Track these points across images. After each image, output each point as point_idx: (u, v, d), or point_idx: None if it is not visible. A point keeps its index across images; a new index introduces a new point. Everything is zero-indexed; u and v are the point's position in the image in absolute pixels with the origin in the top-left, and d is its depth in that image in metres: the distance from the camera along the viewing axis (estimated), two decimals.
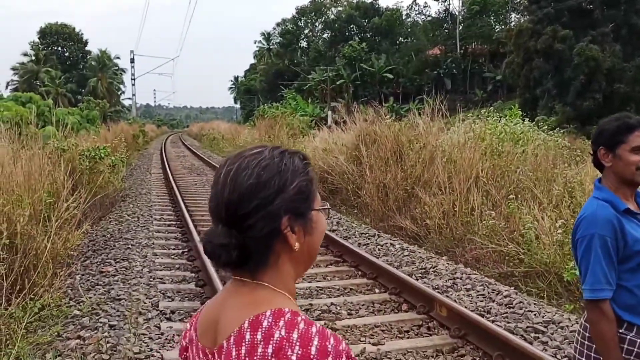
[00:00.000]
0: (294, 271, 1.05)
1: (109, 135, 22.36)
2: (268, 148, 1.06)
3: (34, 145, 7.92)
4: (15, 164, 6.40)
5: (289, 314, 0.96)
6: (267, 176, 1.00)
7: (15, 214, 5.38)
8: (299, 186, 1.02)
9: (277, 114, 23.67)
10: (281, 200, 1.00)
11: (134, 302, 5.02)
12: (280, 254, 1.02)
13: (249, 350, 0.95)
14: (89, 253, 7.19)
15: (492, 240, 6.98)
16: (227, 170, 1.02)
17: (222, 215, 1.01)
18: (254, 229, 0.98)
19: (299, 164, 1.05)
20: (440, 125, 10.77)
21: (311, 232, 1.04)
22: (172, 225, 9.06)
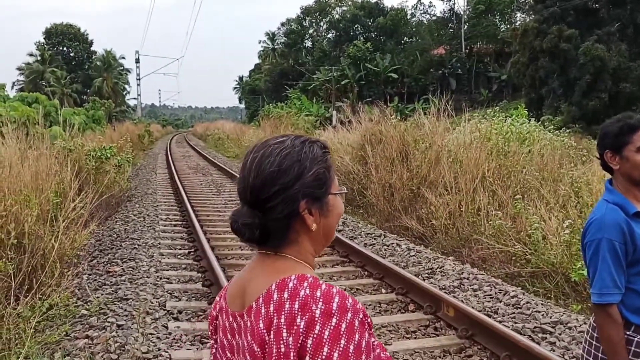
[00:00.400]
0: (312, 248, 1.16)
1: (114, 135, 22.42)
2: (291, 137, 1.16)
3: (41, 145, 7.95)
4: (23, 164, 6.42)
5: (311, 278, 1.09)
6: (287, 164, 1.11)
7: (23, 214, 5.40)
8: (316, 173, 1.12)
9: (282, 114, 23.66)
10: (299, 186, 1.10)
11: (142, 301, 5.04)
12: (300, 232, 1.13)
13: (277, 307, 1.06)
14: (95, 253, 7.21)
15: (499, 240, 6.96)
16: (252, 157, 1.14)
17: (247, 197, 1.13)
18: (274, 210, 1.10)
19: (318, 152, 1.15)
20: (446, 125, 10.76)
21: (327, 214, 1.15)
22: (178, 225, 9.08)
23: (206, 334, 4.51)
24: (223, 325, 1.19)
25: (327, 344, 1.01)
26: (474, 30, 54.60)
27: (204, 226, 8.84)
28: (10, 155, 6.41)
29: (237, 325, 1.15)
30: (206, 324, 4.72)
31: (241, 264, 6.76)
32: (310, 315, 1.03)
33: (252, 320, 1.09)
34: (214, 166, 20.93)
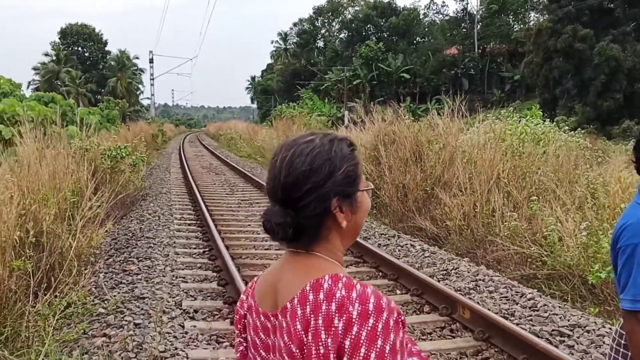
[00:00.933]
0: (341, 245, 1.17)
1: (128, 134, 22.57)
2: (319, 136, 1.17)
3: (58, 144, 8.02)
4: (41, 163, 6.48)
5: (344, 277, 1.09)
6: (318, 163, 1.12)
7: (42, 213, 5.45)
8: (346, 171, 1.14)
9: (294, 114, 23.67)
10: (331, 184, 1.12)
11: (158, 300, 5.06)
12: (331, 229, 1.14)
13: (314, 308, 1.07)
14: (111, 251, 7.25)
15: (514, 241, 6.91)
16: (282, 157, 1.14)
17: (278, 196, 1.13)
18: (307, 209, 1.11)
19: (346, 150, 1.16)
20: (460, 125, 10.70)
21: (357, 210, 1.16)
22: (193, 224, 9.11)
23: (222, 334, 4.52)
24: (254, 324, 1.19)
25: (364, 345, 1.02)
26: (487, 30, 54.29)
27: (218, 225, 8.86)
28: (28, 154, 6.46)
29: (272, 325, 1.15)
30: (222, 324, 4.73)
31: (255, 264, 6.77)
32: (348, 316, 1.04)
33: (288, 321, 1.10)
34: (227, 166, 20.99)
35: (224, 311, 5.04)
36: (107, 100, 35.31)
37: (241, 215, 10.14)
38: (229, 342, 4.36)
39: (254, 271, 6.42)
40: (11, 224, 4.55)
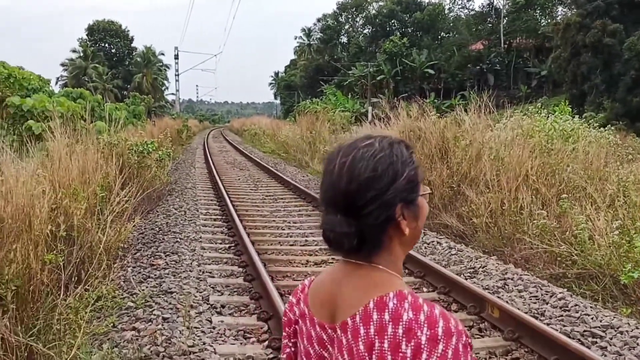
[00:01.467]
0: (402, 253, 1.13)
1: (154, 130, 22.80)
2: (377, 139, 1.12)
3: (87, 139, 8.13)
4: (71, 158, 6.57)
5: (409, 295, 1.05)
6: (382, 168, 1.06)
7: (72, 207, 5.52)
8: (408, 176, 1.09)
9: (318, 110, 23.65)
10: (394, 190, 1.07)
11: (185, 295, 5.09)
12: (393, 238, 1.09)
13: (378, 329, 1.02)
14: (139, 246, 7.33)
15: (543, 240, 6.80)
16: (342, 162, 1.09)
17: (339, 205, 1.08)
18: (370, 217, 1.06)
19: (406, 153, 1.11)
20: (487, 122, 10.57)
21: (418, 217, 1.11)
22: (218, 220, 9.16)
23: (249, 329, 4.54)
24: (308, 333, 1.16)
25: None
26: (513, 24, 53.52)
27: (243, 221, 8.89)
28: (59, 149, 6.56)
29: (329, 338, 1.11)
30: (249, 319, 4.74)
31: (281, 260, 6.78)
32: (417, 342, 0.99)
33: (349, 338, 1.06)
34: (251, 161, 21.08)
35: (251, 307, 5.05)
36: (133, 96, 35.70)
37: (266, 211, 10.17)
38: (257, 338, 4.38)
39: (279, 267, 6.44)
40: (44, 218, 4.62)
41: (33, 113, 12.84)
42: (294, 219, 9.42)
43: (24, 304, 3.99)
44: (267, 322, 4.61)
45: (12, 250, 3.90)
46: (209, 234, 8.10)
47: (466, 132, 10.25)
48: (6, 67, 16.43)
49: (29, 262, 4.11)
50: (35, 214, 4.41)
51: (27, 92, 18.52)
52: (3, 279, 3.78)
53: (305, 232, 8.36)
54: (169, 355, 3.88)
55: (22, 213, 4.24)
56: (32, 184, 4.79)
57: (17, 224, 4.19)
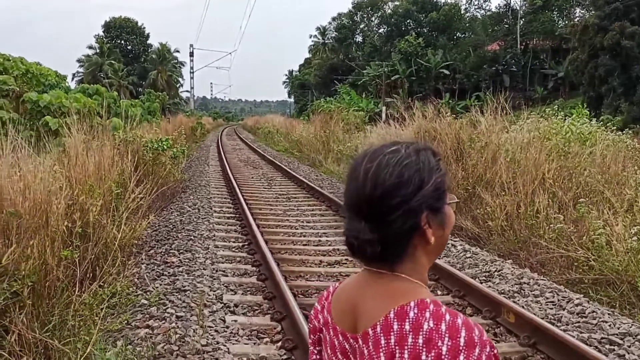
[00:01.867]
0: (427, 261, 1.10)
1: (168, 127, 22.92)
2: (403, 145, 1.10)
3: (103, 136, 8.18)
4: (87, 154, 6.60)
5: (432, 304, 1.01)
6: (408, 174, 1.04)
7: (88, 204, 5.55)
8: (435, 183, 1.06)
9: (333, 109, 23.61)
10: (420, 197, 1.04)
11: (199, 294, 5.09)
12: (418, 247, 1.07)
13: (398, 339, 1.00)
14: (152, 243, 7.35)
15: (560, 244, 6.72)
16: (366, 168, 1.06)
17: (364, 211, 1.05)
18: (394, 224, 1.03)
19: (433, 160, 1.09)
20: (503, 123, 10.48)
21: (444, 225, 1.09)
22: (232, 218, 9.17)
23: (263, 330, 4.53)
24: (331, 342, 1.14)
25: None
26: (530, 26, 53.07)
27: (257, 219, 8.90)
28: (75, 145, 6.59)
29: (351, 348, 1.10)
30: (262, 319, 4.73)
31: (294, 259, 6.77)
32: (437, 352, 0.96)
33: (370, 349, 1.04)
34: (264, 160, 21.11)
35: (264, 306, 5.04)
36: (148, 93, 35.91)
37: (279, 210, 10.16)
38: (270, 338, 4.36)
39: (292, 266, 6.42)
40: (60, 214, 4.65)
41: (50, 109, 12.95)
42: (307, 219, 9.40)
43: (39, 299, 4.01)
44: (281, 323, 4.60)
45: (29, 246, 3.92)
46: (222, 232, 8.10)
47: (482, 134, 10.18)
48: (24, 63, 16.59)
49: (45, 258, 4.13)
50: (52, 210, 4.43)
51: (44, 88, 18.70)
52: (20, 274, 3.80)
53: (318, 232, 8.34)
54: (183, 354, 3.88)
55: (39, 209, 4.26)
56: (49, 180, 4.81)
57: (35, 220, 4.22)
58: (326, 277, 6.07)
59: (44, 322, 3.95)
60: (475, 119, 10.99)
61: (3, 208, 4.09)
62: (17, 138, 5.76)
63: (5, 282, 3.75)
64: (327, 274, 6.15)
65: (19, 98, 13.64)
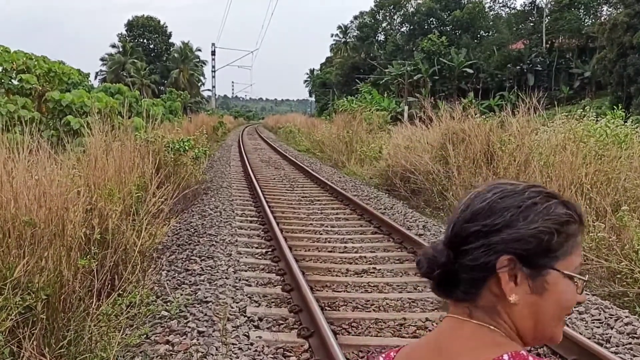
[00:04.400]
0: (515, 327, 0.88)
1: (190, 126, 22.86)
2: (529, 184, 0.93)
3: (124, 137, 7.99)
4: (107, 157, 6.40)
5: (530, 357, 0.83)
6: (501, 205, 0.88)
7: (107, 209, 5.34)
8: (539, 230, 0.86)
9: (355, 109, 23.30)
10: (507, 235, 0.86)
11: (222, 305, 4.85)
12: (499, 298, 0.87)
13: None
14: (173, 248, 7.15)
15: (600, 254, 6.35)
16: (476, 192, 0.93)
17: (447, 232, 0.93)
18: (467, 255, 0.88)
19: (558, 210, 0.88)
20: (534, 125, 10.10)
21: (541, 292, 0.86)
22: (254, 222, 8.94)
23: (289, 347, 4.25)
24: None
25: None
26: (555, 24, 52.11)
27: (280, 223, 8.66)
28: (95, 147, 6.40)
29: None
30: (288, 335, 4.46)
31: (319, 267, 6.50)
32: None
33: None
34: (286, 160, 20.91)
35: (290, 320, 4.77)
36: (170, 92, 35.96)
37: (302, 213, 9.91)
38: (297, 357, 4.09)
39: (317, 275, 6.15)
40: (78, 222, 4.43)
41: (72, 108, 12.86)
42: (331, 223, 9.13)
43: (54, 313, 3.79)
44: (308, 340, 4.32)
45: (44, 257, 3.70)
46: (245, 237, 7.87)
47: (513, 136, 9.81)
48: (47, 62, 16.56)
49: (61, 269, 3.91)
50: (69, 217, 4.21)
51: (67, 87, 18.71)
52: (33, 287, 3.58)
53: (344, 238, 8.06)
54: None
55: (55, 217, 4.04)
56: (67, 185, 4.60)
57: (50, 229, 4.00)
58: (354, 288, 5.79)
59: (59, 338, 3.73)
60: (507, 120, 10.62)
61: (17, 217, 3.88)
62: (37, 138, 5.57)
63: (18, 295, 3.54)
64: (355, 285, 5.86)
65: (41, 97, 13.58)
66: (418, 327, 4.70)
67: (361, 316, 4.92)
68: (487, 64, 53.58)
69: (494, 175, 9.10)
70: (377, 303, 5.30)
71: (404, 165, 12.20)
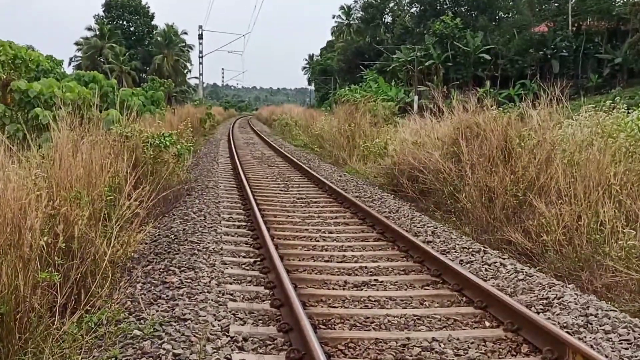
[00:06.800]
0: None
1: (174, 119, 22.80)
2: None
3: (96, 132, 7.92)
4: (75, 155, 6.34)
5: None
6: None
7: (73, 215, 5.28)
8: None
9: (358, 99, 23.25)
10: None
11: (202, 324, 4.78)
12: None
13: None
14: (150, 257, 7.09)
15: (630, 265, 6.28)
16: None
17: None
18: None
19: None
20: (559, 118, 10.02)
21: None
22: (242, 227, 8.88)
23: None
24: None
25: None
26: (583, 4, 52.02)
27: (271, 229, 8.60)
28: (62, 145, 6.33)
29: None
30: (275, 358, 4.40)
31: (314, 279, 6.43)
32: None
33: None
34: (281, 156, 20.87)
35: (278, 341, 4.70)
36: (152, 80, 35.94)
37: (297, 217, 9.85)
38: None
39: (312, 289, 6.09)
40: (38, 229, 4.37)
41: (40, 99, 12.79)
42: (329, 228, 9.08)
43: (9, 334, 3.73)
44: None
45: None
46: (231, 244, 7.81)
47: (534, 130, 9.74)
48: (13, 47, 16.50)
49: (17, 284, 3.84)
50: (26, 225, 4.15)
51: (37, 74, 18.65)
52: None
53: (342, 246, 8.00)
54: None
55: (9, 225, 3.97)
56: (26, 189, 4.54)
57: (4, 238, 3.93)
58: (352, 303, 5.72)
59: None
60: (526, 113, 10.54)
61: None
62: None
63: None
64: (354, 299, 5.80)
65: (6, 87, 13.51)
66: (423, 349, 4.64)
67: (359, 335, 4.86)
68: (506, 49, 53.46)
69: (512, 174, 9.02)
70: (378, 320, 5.24)
71: (411, 163, 12.14)
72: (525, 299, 5.74)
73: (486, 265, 6.93)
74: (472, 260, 7.15)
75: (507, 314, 5.24)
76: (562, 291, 5.84)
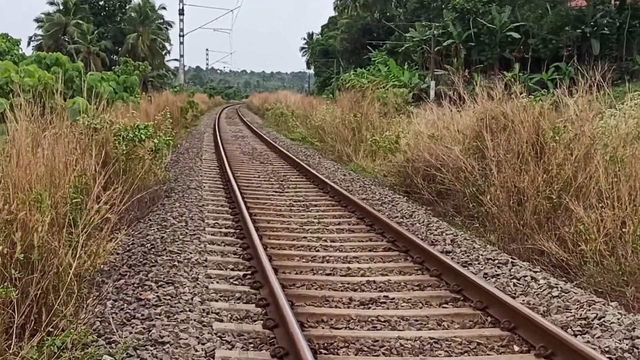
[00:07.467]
0: None
1: (150, 108, 22.84)
2: None
3: (60, 123, 7.94)
4: (35, 151, 6.36)
5: None
6: None
7: (33, 220, 5.29)
8: None
9: (365, 85, 23.32)
10: None
11: (182, 348, 4.80)
12: None
13: None
14: (123, 269, 7.15)
15: None
16: None
17: None
18: None
19: None
20: (599, 107, 10.07)
21: None
22: (230, 235, 8.94)
23: None
24: None
25: None
26: None
27: (264, 237, 8.65)
28: (20, 139, 6.35)
29: None
30: None
31: (314, 296, 6.47)
32: None
33: None
34: (275, 152, 20.98)
35: None
36: (125, 62, 36.04)
37: (294, 223, 9.91)
38: None
39: (311, 307, 6.12)
40: None
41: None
42: (331, 236, 9.13)
43: None
44: None
45: None
46: (217, 254, 7.87)
47: (570, 122, 9.78)
48: None
49: None
50: None
51: None
52: None
53: (347, 256, 8.04)
54: None
55: None
56: None
57: None
58: (358, 323, 5.76)
59: None
60: (560, 101, 10.58)
61: None
62: None
63: None
64: (360, 319, 5.83)
65: None
66: None
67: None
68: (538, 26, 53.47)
69: (545, 173, 9.06)
70: (389, 344, 5.26)
71: (427, 160, 12.18)
72: (560, 319, 5.77)
73: (515, 279, 6.98)
74: (499, 274, 7.19)
75: (539, 336, 5.26)
76: (604, 310, 5.88)
